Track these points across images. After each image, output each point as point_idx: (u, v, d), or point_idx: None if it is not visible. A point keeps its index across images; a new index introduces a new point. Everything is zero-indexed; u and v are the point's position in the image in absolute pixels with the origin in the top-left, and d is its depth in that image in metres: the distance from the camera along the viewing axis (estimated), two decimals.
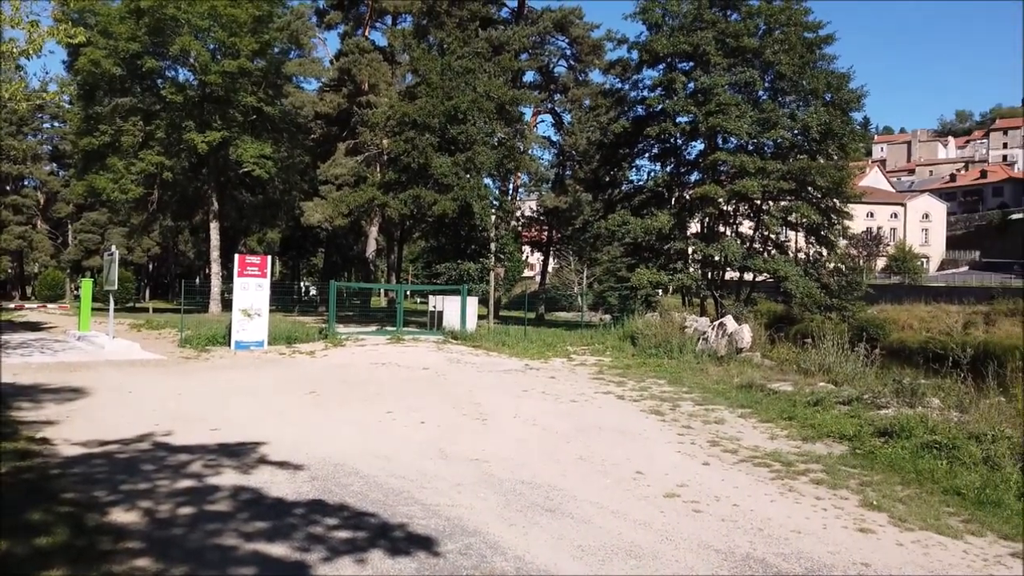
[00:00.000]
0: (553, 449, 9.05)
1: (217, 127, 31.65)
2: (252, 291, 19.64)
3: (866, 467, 8.43)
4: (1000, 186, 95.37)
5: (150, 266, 68.21)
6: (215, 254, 35.39)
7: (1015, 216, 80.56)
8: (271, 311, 21.16)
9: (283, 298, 39.23)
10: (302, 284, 57.23)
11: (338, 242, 51.47)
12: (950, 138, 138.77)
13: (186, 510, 6.06)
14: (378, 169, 39.01)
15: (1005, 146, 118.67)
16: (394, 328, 23.57)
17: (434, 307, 25.18)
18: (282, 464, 7.72)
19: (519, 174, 37.98)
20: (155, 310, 37.76)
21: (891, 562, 5.65)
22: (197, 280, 47.07)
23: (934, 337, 31.28)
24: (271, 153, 32.69)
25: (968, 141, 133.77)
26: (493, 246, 30.86)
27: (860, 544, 6.02)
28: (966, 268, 70.28)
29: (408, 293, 54.36)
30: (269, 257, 22.32)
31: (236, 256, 20.87)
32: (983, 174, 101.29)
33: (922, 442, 8.94)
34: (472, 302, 25.26)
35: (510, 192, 39.32)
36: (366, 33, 41.85)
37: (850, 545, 5.98)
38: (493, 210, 30.94)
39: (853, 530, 6.35)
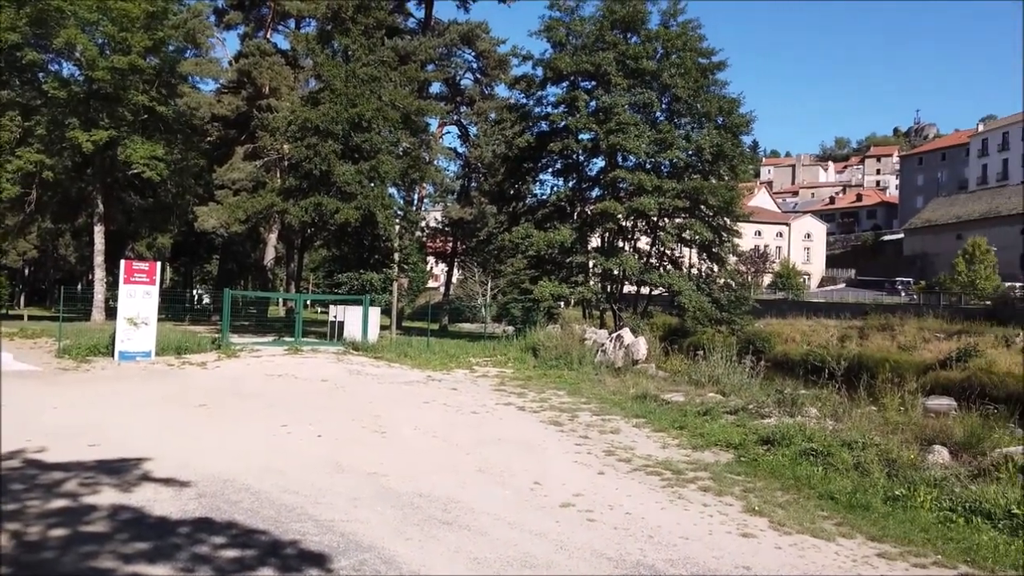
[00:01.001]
0: (453, 461, 9.06)
1: (104, 125, 29.90)
2: (139, 299, 18.66)
3: (750, 474, 8.88)
4: (874, 209, 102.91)
5: (26, 271, 63.65)
6: (99, 259, 33.34)
7: (887, 237, 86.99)
8: (160, 320, 20.16)
9: (174, 306, 37.52)
10: (195, 292, 54.81)
11: (234, 249, 49.63)
12: (830, 163, 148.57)
13: (59, 532, 5.70)
14: (278, 175, 37.92)
15: (878, 172, 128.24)
16: (292, 339, 22.95)
17: (335, 317, 24.69)
18: (167, 481, 7.38)
19: (424, 184, 37.81)
20: (31, 318, 35.13)
21: (770, 564, 5.99)
22: (79, 286, 44.18)
23: (813, 350, 33.27)
24: (163, 154, 31.15)
25: (846, 166, 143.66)
26: (397, 256, 30.58)
27: (742, 548, 6.34)
28: (843, 285, 75.08)
29: (308, 303, 53.12)
30: (159, 263, 21.23)
31: (123, 262, 19.77)
32: (859, 198, 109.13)
33: (800, 450, 9.51)
34: (374, 312, 24.93)
35: (415, 202, 39.09)
36: (268, 35, 40.73)
37: (733, 549, 6.29)
38: (397, 220, 30.67)
39: (736, 535, 6.68)
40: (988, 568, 6.08)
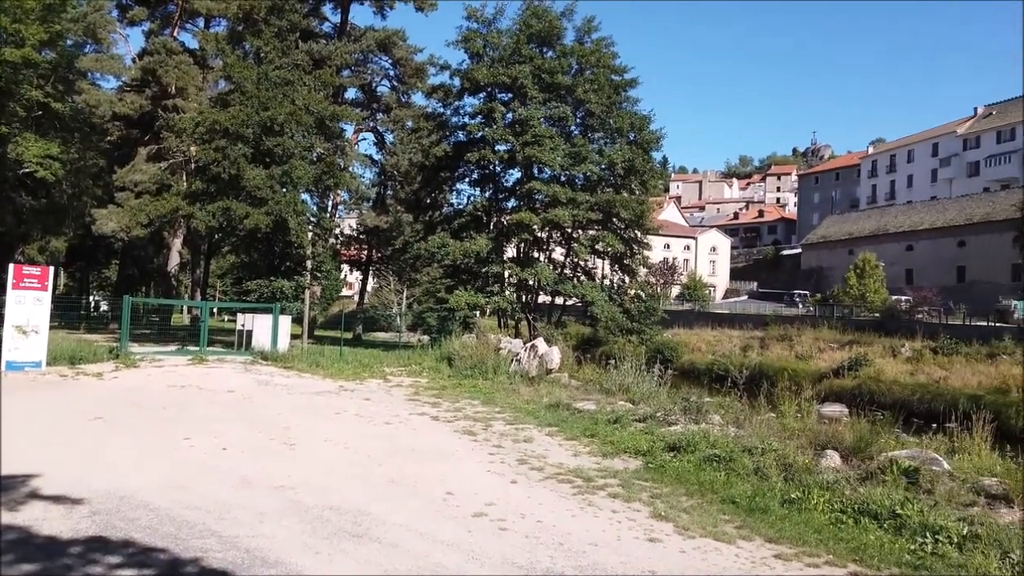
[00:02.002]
0: (364, 473, 8.93)
1: None
2: (29, 305, 17.53)
3: (657, 480, 9.14)
4: (774, 225, 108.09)
5: None
6: None
7: (786, 252, 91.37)
8: (53, 328, 19.01)
9: (68, 314, 35.51)
10: (92, 299, 51.91)
11: (136, 254, 47.29)
12: (734, 180, 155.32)
13: None
14: (184, 178, 36.51)
15: (779, 189, 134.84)
16: (197, 348, 22.08)
17: (243, 326, 23.93)
18: (57, 499, 6.97)
19: (339, 191, 37.20)
20: None
21: (674, 568, 6.19)
22: None
23: (718, 359, 34.62)
24: (59, 153, 29.45)
25: (749, 183, 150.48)
26: (309, 263, 29.95)
27: (649, 553, 6.53)
28: (746, 297, 78.36)
29: (215, 311, 51.14)
30: (52, 268, 20.02)
31: (11, 266, 18.54)
32: (761, 214, 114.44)
33: (705, 456, 9.85)
34: (285, 321, 24.31)
35: (329, 209, 38.37)
36: (175, 33, 39.16)
37: (640, 554, 6.46)
38: (310, 226, 30.06)
39: (643, 540, 6.87)
40: (875, 566, 6.45)
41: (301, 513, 7.04)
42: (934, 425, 16.36)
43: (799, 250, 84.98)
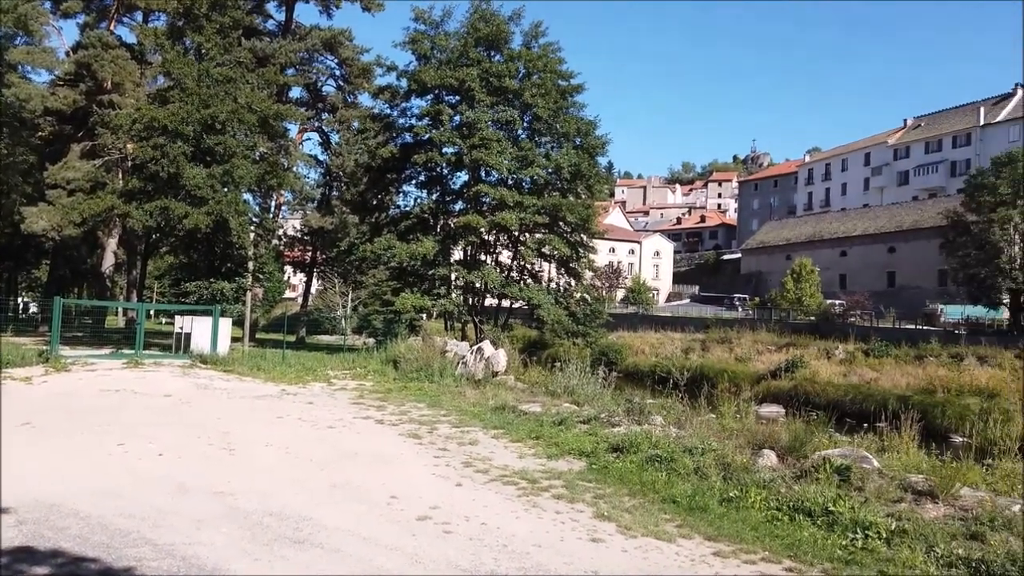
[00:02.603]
0: (307, 478, 8.81)
1: None
2: None
3: (600, 481, 9.26)
4: (716, 230, 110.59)
5: None
6: None
7: (726, 256, 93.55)
8: None
9: None
10: (20, 300, 49.74)
11: (68, 254, 45.45)
12: (677, 186, 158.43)
13: None
14: (120, 176, 35.30)
15: (720, 195, 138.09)
16: (132, 351, 21.37)
17: (181, 328, 23.29)
18: None
19: (282, 191, 36.56)
20: None
21: (616, 567, 6.29)
22: None
23: (661, 362, 35.20)
24: None
25: (692, 189, 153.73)
26: (251, 265, 29.35)
27: (591, 553, 6.61)
28: (688, 300, 79.82)
29: (152, 313, 49.61)
30: None
31: None
32: (703, 219, 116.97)
33: (647, 456, 10.03)
34: (225, 323, 23.77)
35: (272, 209, 37.69)
36: (111, 27, 37.86)
37: (583, 555, 6.54)
38: (252, 227, 29.46)
39: (586, 540, 6.96)
40: (808, 562, 6.66)
41: (240, 519, 6.91)
42: (865, 425, 16.99)
43: (739, 255, 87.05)
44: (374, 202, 33.78)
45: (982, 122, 68.47)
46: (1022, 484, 9.28)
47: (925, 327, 42.00)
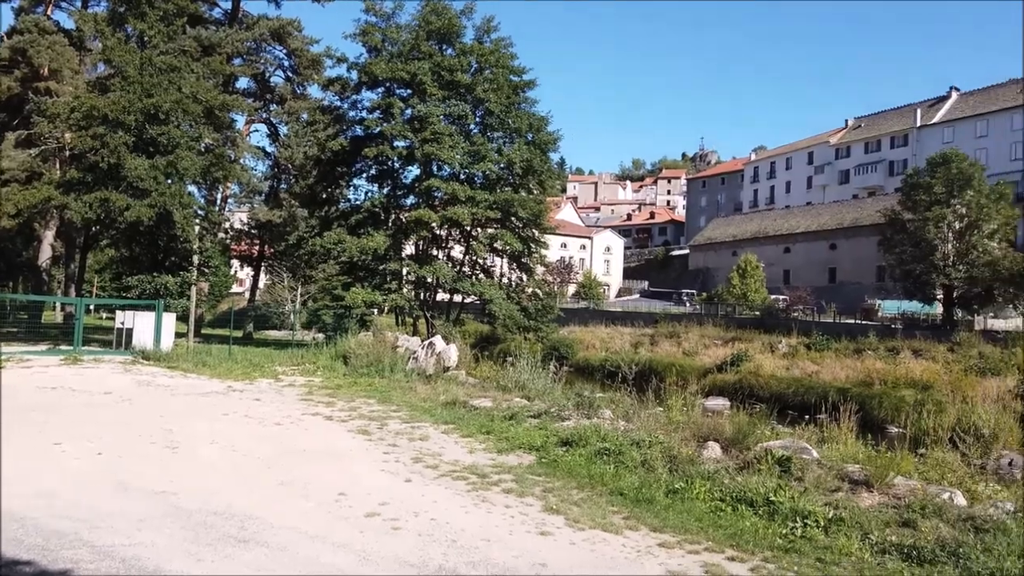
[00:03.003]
0: (253, 475, 8.67)
1: None
2: None
3: (550, 475, 9.34)
4: (665, 226, 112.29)
5: None
6: None
7: (675, 252, 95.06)
8: None
9: None
10: None
11: (2, 247, 43.74)
12: (628, 182, 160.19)
13: None
14: (58, 166, 34.09)
15: (669, 192, 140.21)
16: (71, 347, 20.71)
17: (123, 324, 22.65)
18: None
19: (229, 184, 35.76)
20: None
21: (564, 560, 6.37)
22: None
23: (611, 356, 35.61)
24: None
25: (642, 186, 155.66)
26: (196, 259, 28.69)
27: (540, 546, 6.68)
28: (638, 295, 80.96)
29: (92, 308, 47.96)
30: None
31: None
32: (652, 215, 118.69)
33: (596, 449, 10.15)
34: (169, 319, 23.20)
35: (218, 202, 36.82)
36: (48, 12, 36.49)
37: (531, 548, 6.61)
38: (197, 220, 28.79)
39: (535, 534, 7.02)
40: (749, 550, 6.85)
41: (183, 519, 6.77)
42: (807, 416, 17.49)
43: (687, 251, 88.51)
44: (324, 195, 33.28)
45: (919, 123, 70.96)
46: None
47: (864, 321, 43.43)
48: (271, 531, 6.56)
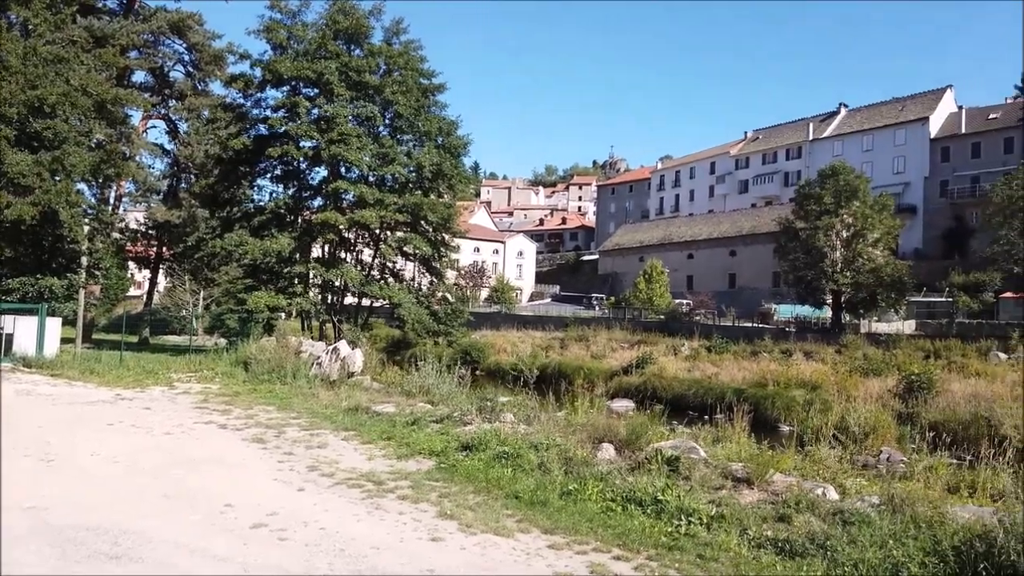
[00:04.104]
0: (136, 488, 8.31)
1: None
2: None
3: (448, 479, 9.35)
4: (576, 232, 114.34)
5: None
6: None
7: (585, 257, 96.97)
8: None
9: None
10: None
11: None
12: (541, 188, 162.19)
13: None
14: None
15: (580, 199, 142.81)
16: None
17: (2, 329, 21.20)
18: None
19: (123, 182, 34.08)
20: None
21: (452, 565, 6.39)
22: None
23: (520, 360, 35.92)
24: None
25: (554, 192, 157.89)
26: (85, 260, 27.15)
27: (430, 552, 6.68)
28: (549, 300, 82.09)
29: None
30: None
31: None
32: (564, 221, 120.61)
33: (495, 453, 10.22)
34: (54, 323, 21.93)
35: (111, 201, 35.04)
36: None
37: (421, 554, 6.60)
38: (87, 219, 27.26)
39: (426, 540, 7.02)
40: (635, 549, 7.03)
41: (51, 536, 6.42)
42: (706, 417, 18.16)
43: (597, 256, 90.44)
44: (226, 195, 32.17)
45: (811, 137, 75.06)
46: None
47: (761, 325, 45.56)
48: (148, 546, 6.31)
